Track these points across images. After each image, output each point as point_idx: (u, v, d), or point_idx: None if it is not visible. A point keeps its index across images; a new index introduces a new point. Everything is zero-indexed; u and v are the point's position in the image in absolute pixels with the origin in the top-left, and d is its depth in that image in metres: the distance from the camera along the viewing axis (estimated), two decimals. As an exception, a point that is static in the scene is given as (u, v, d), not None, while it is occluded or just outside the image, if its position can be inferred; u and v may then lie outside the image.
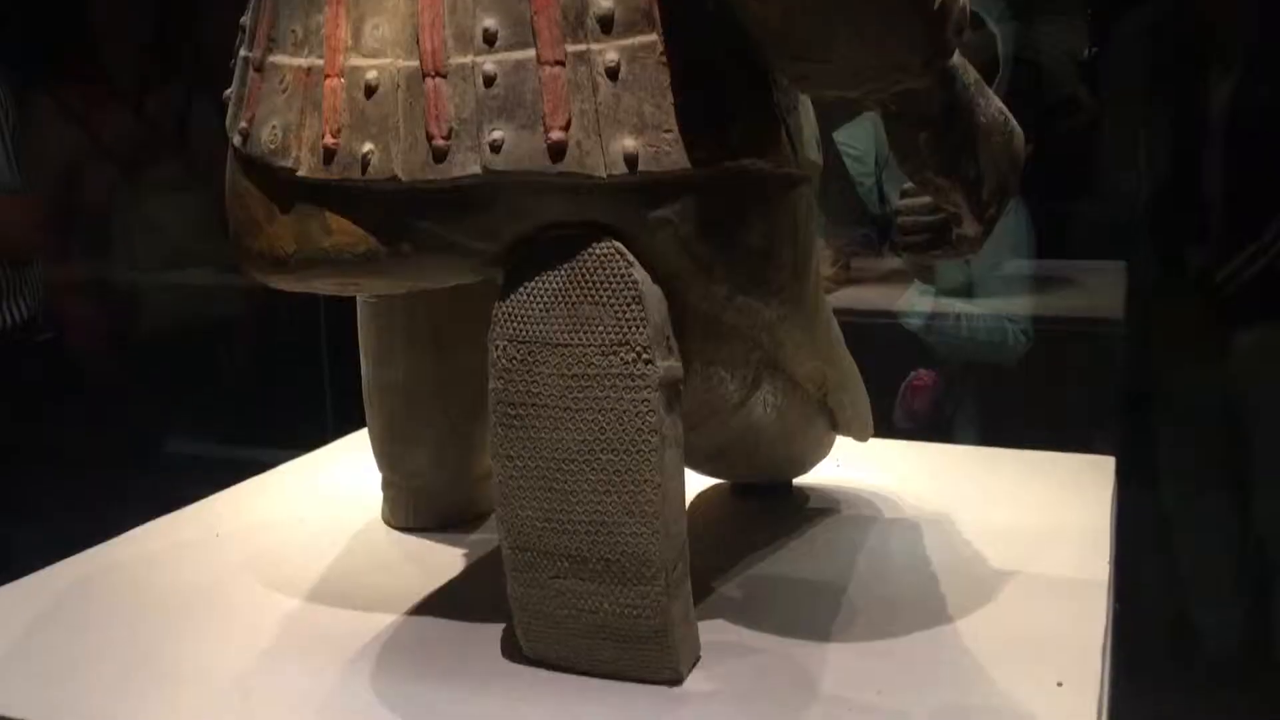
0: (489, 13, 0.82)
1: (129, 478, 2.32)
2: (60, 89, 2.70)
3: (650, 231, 0.84)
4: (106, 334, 2.81)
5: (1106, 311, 2.31)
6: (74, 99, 2.70)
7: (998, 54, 2.31)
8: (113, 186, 2.77)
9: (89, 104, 2.72)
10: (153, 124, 2.81)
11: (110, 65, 2.74)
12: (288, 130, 0.88)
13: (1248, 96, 2.41)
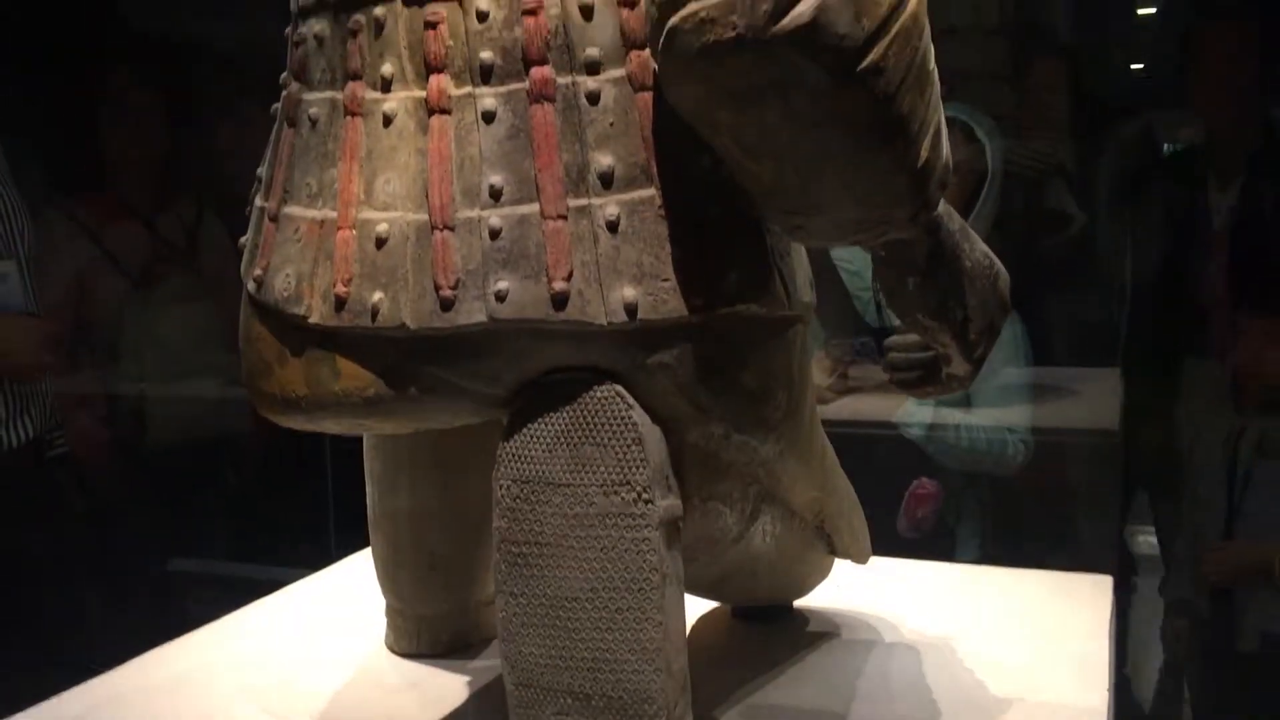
0: (495, 170, 0.86)
1: (135, 595, 2.32)
2: (74, 204, 2.77)
3: (649, 375, 0.87)
4: (113, 447, 2.83)
5: (1104, 422, 2.33)
6: (88, 214, 2.76)
7: (988, 166, 2.37)
8: (123, 300, 2.81)
9: (102, 219, 2.78)
10: (163, 238, 2.87)
11: (124, 182, 2.80)
12: (301, 279, 0.92)
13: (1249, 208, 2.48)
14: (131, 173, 2.77)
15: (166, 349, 2.86)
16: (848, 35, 0.73)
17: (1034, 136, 2.65)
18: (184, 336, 2.87)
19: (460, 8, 0.87)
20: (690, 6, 0.74)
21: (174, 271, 2.88)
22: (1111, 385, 2.53)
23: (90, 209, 2.77)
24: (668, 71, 0.79)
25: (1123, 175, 2.83)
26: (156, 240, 2.85)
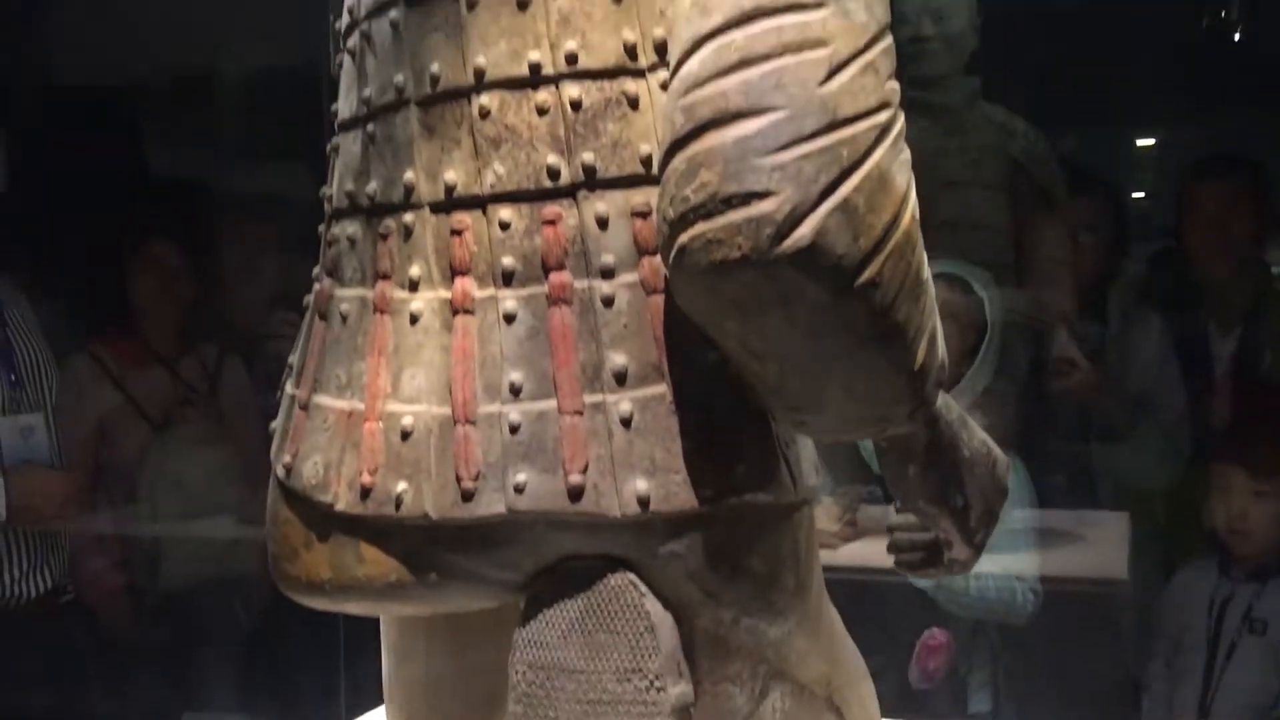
0: (515, 367, 0.91)
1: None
2: (100, 349, 2.84)
3: (661, 564, 0.91)
4: (126, 592, 2.85)
5: (1112, 571, 2.34)
6: (113, 359, 2.84)
7: (987, 319, 2.43)
8: (143, 444, 2.86)
9: (126, 364, 2.85)
10: (185, 382, 2.94)
11: (149, 328, 2.88)
12: (328, 467, 0.97)
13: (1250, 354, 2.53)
14: (157, 320, 2.85)
15: (183, 489, 2.90)
16: (846, 255, 0.78)
17: (1036, 285, 2.71)
18: (201, 477, 2.91)
19: (484, 217, 0.93)
20: (698, 227, 0.80)
21: (194, 414, 2.94)
22: (1119, 530, 2.54)
23: (116, 354, 2.84)
24: (677, 283, 0.84)
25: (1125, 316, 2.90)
26: (178, 384, 2.92)
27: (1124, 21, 3.02)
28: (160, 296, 2.80)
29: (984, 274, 2.45)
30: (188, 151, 3.63)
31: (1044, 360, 2.69)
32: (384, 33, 0.98)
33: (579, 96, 0.91)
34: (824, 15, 0.80)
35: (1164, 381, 2.73)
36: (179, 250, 2.87)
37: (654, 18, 0.91)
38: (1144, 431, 2.69)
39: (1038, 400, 2.69)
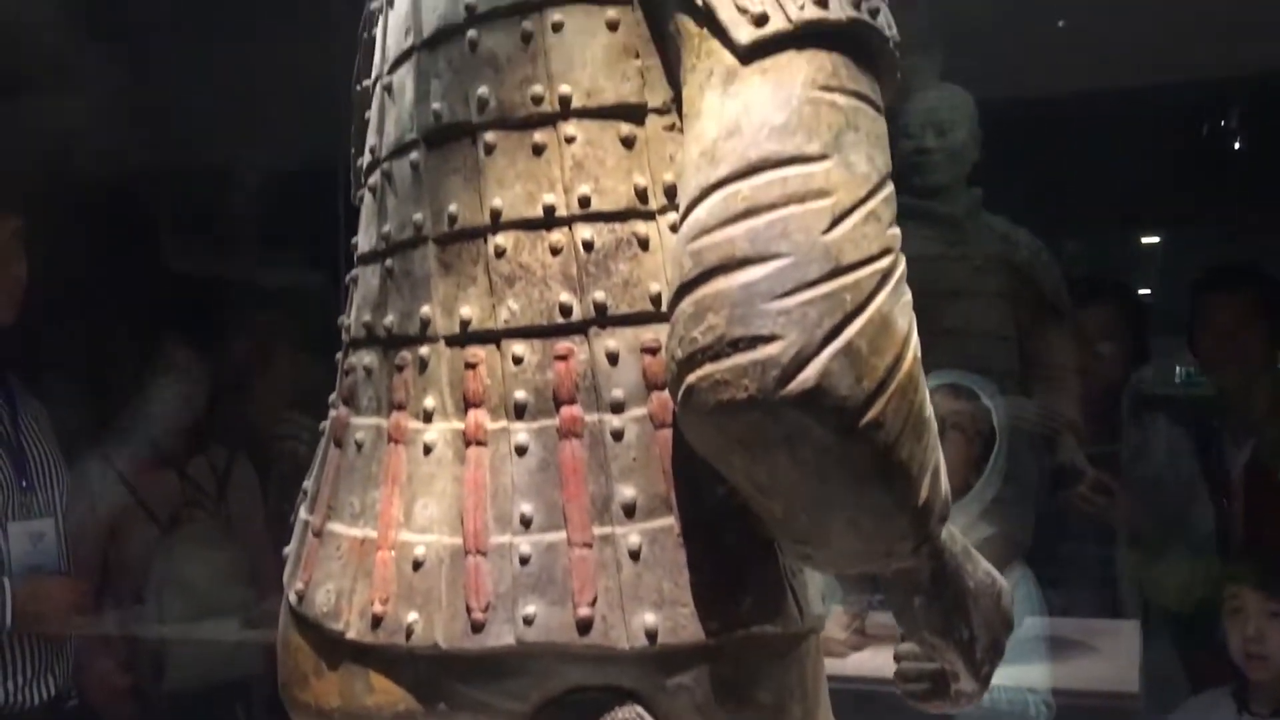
0: (526, 499, 0.93)
1: None
2: (112, 451, 2.86)
3: (669, 696, 0.91)
4: (130, 694, 2.83)
5: (1126, 684, 2.32)
6: (124, 461, 2.86)
7: (994, 427, 2.44)
8: (151, 545, 2.87)
9: (137, 467, 2.87)
10: (194, 483, 2.95)
11: (162, 431, 2.91)
12: (340, 595, 0.98)
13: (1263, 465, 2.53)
14: (170, 424, 2.87)
15: (189, 591, 2.90)
16: (849, 396, 0.81)
17: (1043, 393, 2.73)
18: (208, 578, 2.91)
19: (498, 351, 0.96)
20: (706, 368, 0.82)
21: (201, 515, 2.95)
22: (1130, 641, 2.52)
23: (127, 456, 2.86)
24: (685, 420, 0.86)
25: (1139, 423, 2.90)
26: (188, 486, 2.93)
27: (1127, 129, 3.09)
28: (173, 400, 2.83)
29: (989, 383, 2.47)
30: (204, 249, 3.70)
31: (1052, 467, 2.69)
32: (404, 172, 1.02)
33: (591, 237, 0.94)
34: (827, 166, 0.84)
35: (1177, 490, 2.73)
36: (193, 352, 2.91)
37: (664, 163, 0.95)
38: (1158, 540, 2.68)
39: (1047, 507, 2.69)
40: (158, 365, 2.87)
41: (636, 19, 0.95)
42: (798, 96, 0.85)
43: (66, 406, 2.79)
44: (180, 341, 2.89)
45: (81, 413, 2.89)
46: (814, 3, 0.86)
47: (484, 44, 0.97)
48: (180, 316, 3.06)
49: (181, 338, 2.90)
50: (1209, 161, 3.41)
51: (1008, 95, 3.07)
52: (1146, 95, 3.14)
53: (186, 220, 3.68)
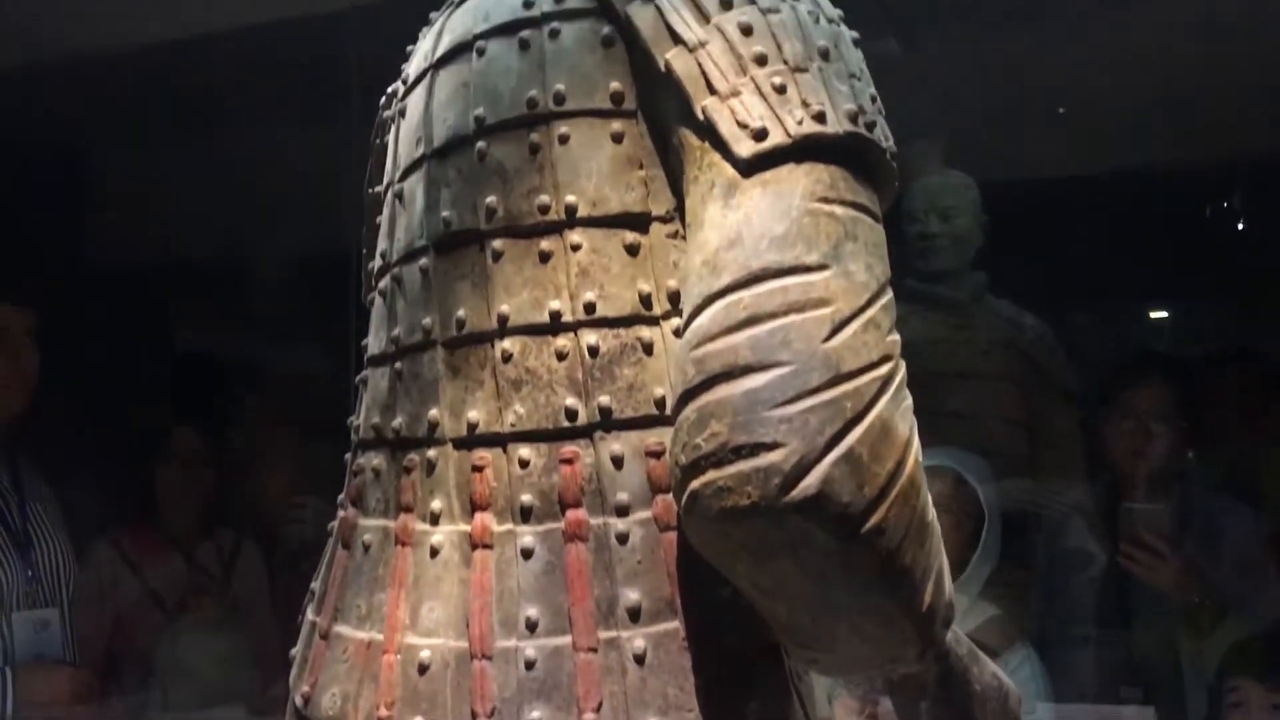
0: (532, 603, 0.94)
1: None
2: (120, 537, 2.86)
3: None
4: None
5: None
6: (132, 546, 2.85)
7: (983, 509, 2.42)
8: (157, 631, 2.85)
9: (144, 552, 2.86)
10: (201, 568, 2.94)
11: (169, 517, 2.91)
12: (346, 699, 0.98)
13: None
14: (178, 509, 2.88)
15: (195, 678, 2.88)
16: (851, 503, 0.81)
17: (1050, 477, 2.72)
18: (214, 664, 2.89)
19: (505, 454, 0.97)
20: (709, 474, 0.83)
21: (208, 601, 2.93)
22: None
23: (135, 542, 2.86)
24: (690, 526, 0.87)
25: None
26: (194, 571, 2.93)
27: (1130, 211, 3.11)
28: (182, 484, 2.84)
29: (979, 464, 2.46)
30: (212, 335, 3.74)
31: (1063, 552, 2.67)
32: (414, 278, 1.04)
33: (596, 343, 0.96)
34: (827, 276, 0.85)
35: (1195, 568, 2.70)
36: (202, 438, 2.92)
37: (668, 269, 0.97)
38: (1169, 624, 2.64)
39: (1059, 590, 2.67)
40: (166, 450, 2.88)
41: (640, 131, 0.98)
42: (797, 208, 0.87)
43: (75, 491, 2.80)
44: (188, 426, 2.90)
45: (89, 497, 2.89)
46: (811, 117, 0.89)
47: (493, 154, 1.00)
48: (188, 401, 3.08)
49: (189, 422, 2.91)
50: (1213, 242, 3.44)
51: (1011, 178, 3.11)
52: (1148, 177, 3.17)
53: (198, 306, 3.72)
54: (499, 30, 1.02)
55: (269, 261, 3.48)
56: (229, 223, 3.48)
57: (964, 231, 2.76)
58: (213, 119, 3.18)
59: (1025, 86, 2.96)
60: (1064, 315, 3.03)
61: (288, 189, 3.28)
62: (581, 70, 0.98)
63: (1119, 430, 2.55)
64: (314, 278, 3.25)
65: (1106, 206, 3.18)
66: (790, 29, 0.92)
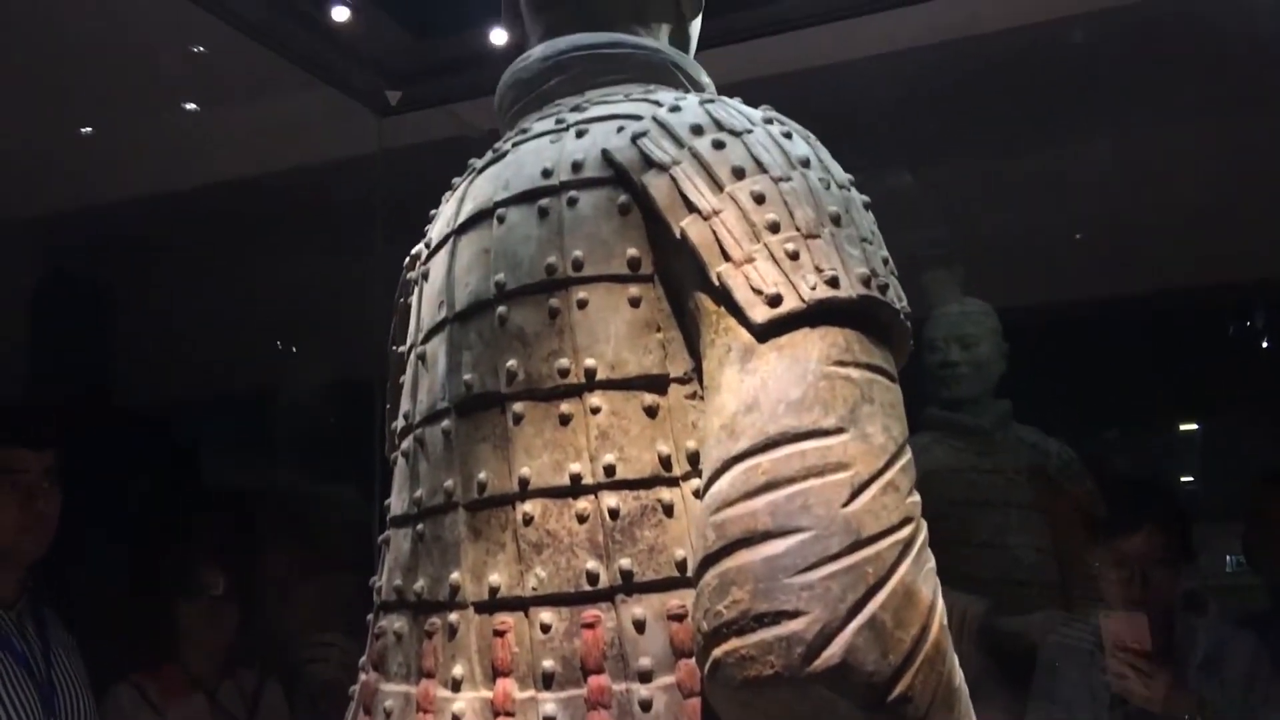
0: None
1: None
2: (143, 677, 2.83)
3: None
4: None
5: None
6: (154, 687, 2.82)
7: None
8: (177, 777, 2.80)
9: (168, 692, 2.83)
10: (224, 708, 2.90)
11: (192, 657, 2.88)
12: None
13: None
14: (200, 648, 2.85)
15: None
16: (876, 671, 0.80)
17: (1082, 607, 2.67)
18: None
19: (526, 619, 0.96)
20: (731, 643, 0.82)
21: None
22: None
23: (157, 683, 2.83)
24: (713, 694, 0.86)
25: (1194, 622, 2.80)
26: (217, 712, 2.88)
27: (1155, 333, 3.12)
28: (205, 623, 2.82)
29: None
30: (237, 471, 3.75)
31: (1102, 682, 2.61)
32: (436, 439, 1.06)
33: (617, 505, 0.96)
34: (844, 440, 0.86)
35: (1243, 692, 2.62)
36: (224, 577, 2.91)
37: (686, 430, 0.97)
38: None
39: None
40: (189, 587, 2.87)
41: (658, 295, 0.99)
42: (813, 372, 0.88)
43: (98, 632, 2.79)
44: (211, 563, 2.90)
45: (112, 638, 2.88)
46: (825, 282, 0.90)
47: (513, 319, 1.02)
48: (210, 538, 3.08)
49: (212, 559, 2.90)
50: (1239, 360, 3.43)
51: (1031, 303, 3.13)
52: (1169, 298, 3.19)
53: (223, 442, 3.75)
54: (519, 198, 1.05)
55: (294, 398, 3.52)
56: (255, 359, 3.53)
57: (985, 359, 2.76)
58: (241, 259, 3.25)
59: (1041, 213, 3.00)
60: (1091, 438, 3.01)
61: (314, 325, 3.33)
62: (599, 237, 1.01)
63: (1113, 580, 2.49)
64: (339, 415, 3.28)
65: (1129, 329, 3.19)
66: (802, 196, 0.95)
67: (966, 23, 2.39)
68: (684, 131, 0.99)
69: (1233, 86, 2.54)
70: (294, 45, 2.34)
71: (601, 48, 1.15)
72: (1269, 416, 3.20)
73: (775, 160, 0.97)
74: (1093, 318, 3.26)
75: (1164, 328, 3.16)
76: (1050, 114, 2.76)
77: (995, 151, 2.93)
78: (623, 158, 1.01)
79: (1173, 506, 2.71)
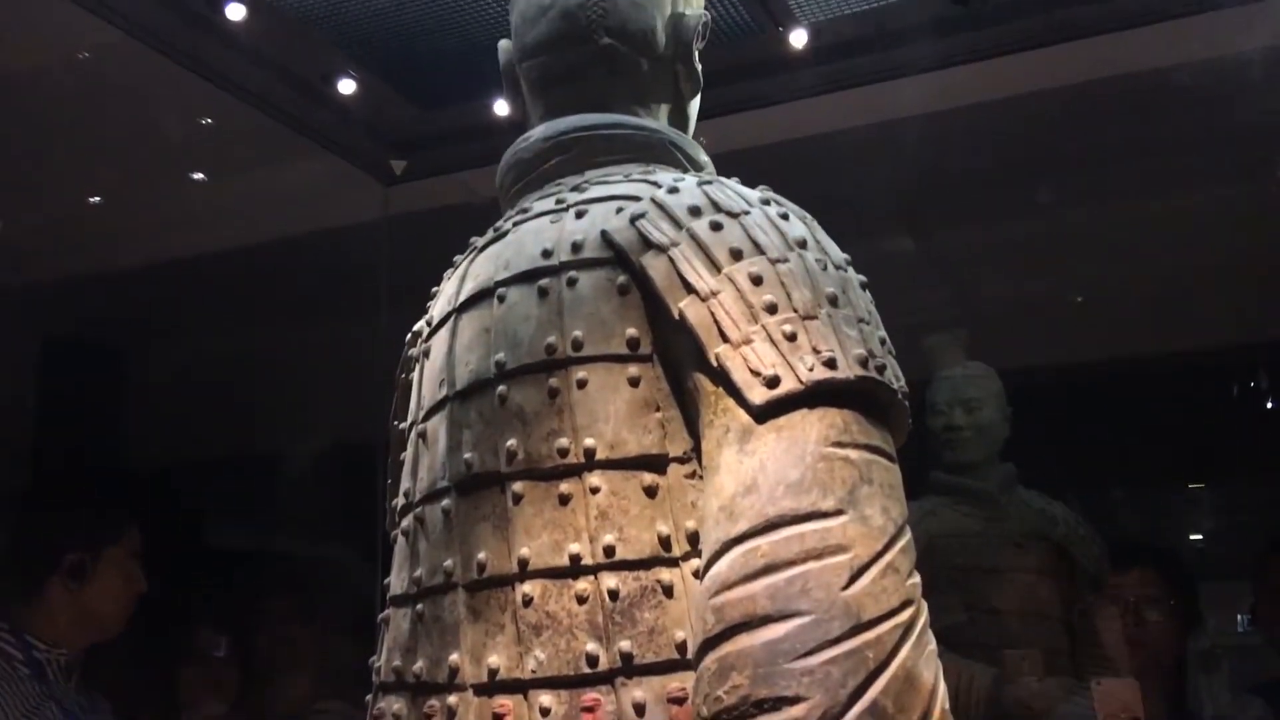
0: None
1: None
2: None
3: None
4: None
5: None
6: None
7: None
8: None
9: None
10: None
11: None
12: None
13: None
14: (201, 712, 2.83)
15: None
16: None
17: (1094, 673, 2.64)
18: None
19: (525, 701, 0.96)
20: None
21: None
22: None
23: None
24: None
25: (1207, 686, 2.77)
26: None
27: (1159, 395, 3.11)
28: (204, 686, 2.80)
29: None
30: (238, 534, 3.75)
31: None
32: (436, 518, 1.06)
33: (616, 586, 0.96)
34: (843, 522, 0.86)
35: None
36: (226, 640, 2.89)
37: (686, 510, 0.97)
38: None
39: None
40: (189, 650, 2.86)
41: (657, 374, 1.00)
42: (811, 453, 0.88)
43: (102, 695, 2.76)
44: (211, 626, 2.88)
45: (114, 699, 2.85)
46: (823, 363, 0.91)
47: (513, 398, 1.02)
48: (211, 604, 3.06)
49: (213, 623, 2.89)
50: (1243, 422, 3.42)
51: (1033, 366, 3.13)
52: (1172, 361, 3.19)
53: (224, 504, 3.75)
54: (519, 278, 1.06)
55: (298, 462, 3.52)
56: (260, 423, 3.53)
57: (989, 422, 2.76)
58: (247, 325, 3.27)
59: (1042, 276, 3.01)
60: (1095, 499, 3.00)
61: (319, 390, 3.34)
62: (598, 317, 1.01)
63: (1108, 617, 2.48)
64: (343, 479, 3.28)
65: (1131, 390, 3.19)
66: (799, 277, 0.96)
67: (965, 92, 2.41)
68: (682, 213, 1.00)
69: (1233, 152, 2.57)
70: (301, 117, 2.37)
71: (601, 128, 1.17)
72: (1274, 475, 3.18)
73: (772, 241, 0.98)
74: (1095, 380, 3.27)
75: (1166, 389, 3.16)
76: (1050, 179, 2.78)
77: (995, 216, 2.95)
78: (622, 239, 1.02)
79: (1168, 552, 2.71)
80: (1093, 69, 2.38)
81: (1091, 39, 2.21)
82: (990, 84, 2.43)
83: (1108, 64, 2.34)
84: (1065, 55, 2.27)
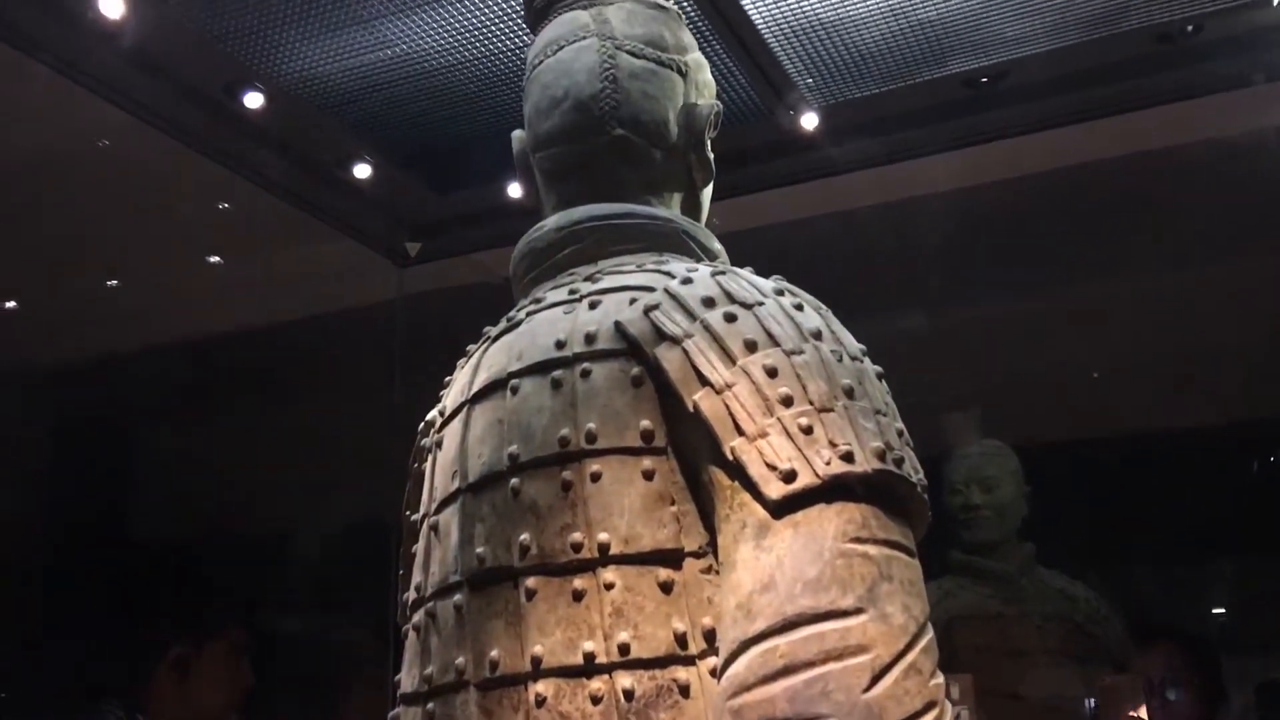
0: None
1: None
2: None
3: None
4: None
5: None
6: None
7: None
8: None
9: None
10: None
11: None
12: None
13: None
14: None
15: None
16: None
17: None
18: None
19: None
20: None
21: None
22: None
23: None
24: None
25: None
26: None
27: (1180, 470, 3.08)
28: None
29: None
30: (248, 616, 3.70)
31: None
32: (448, 614, 1.04)
33: (632, 686, 0.93)
34: (864, 621, 0.84)
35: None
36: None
37: (702, 606, 0.95)
38: None
39: None
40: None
41: (671, 467, 0.98)
42: (829, 550, 0.86)
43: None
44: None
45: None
46: (840, 457, 0.90)
47: (526, 491, 1.01)
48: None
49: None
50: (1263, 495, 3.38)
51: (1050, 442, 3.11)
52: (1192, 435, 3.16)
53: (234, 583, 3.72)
54: (532, 369, 1.05)
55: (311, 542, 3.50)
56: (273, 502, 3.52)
57: (1007, 501, 2.73)
58: (262, 404, 3.27)
59: (1057, 352, 3.00)
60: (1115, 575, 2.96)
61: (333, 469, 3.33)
62: (612, 409, 1.00)
63: (1131, 696, 2.44)
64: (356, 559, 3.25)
65: (1148, 465, 3.16)
66: (814, 369, 0.95)
67: (978, 171, 2.43)
68: (696, 304, 1.00)
69: (1247, 227, 2.57)
70: (317, 200, 2.39)
71: (615, 218, 1.17)
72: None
73: (787, 333, 0.97)
74: (1114, 455, 3.24)
75: (1185, 463, 3.13)
76: (1064, 255, 2.78)
77: (1009, 293, 2.95)
78: (635, 330, 1.01)
79: (1191, 628, 2.66)
80: (1104, 148, 2.40)
81: (1103, 120, 2.22)
82: (1002, 163, 2.44)
83: (1119, 143, 2.35)
84: (1076, 135, 2.29)
